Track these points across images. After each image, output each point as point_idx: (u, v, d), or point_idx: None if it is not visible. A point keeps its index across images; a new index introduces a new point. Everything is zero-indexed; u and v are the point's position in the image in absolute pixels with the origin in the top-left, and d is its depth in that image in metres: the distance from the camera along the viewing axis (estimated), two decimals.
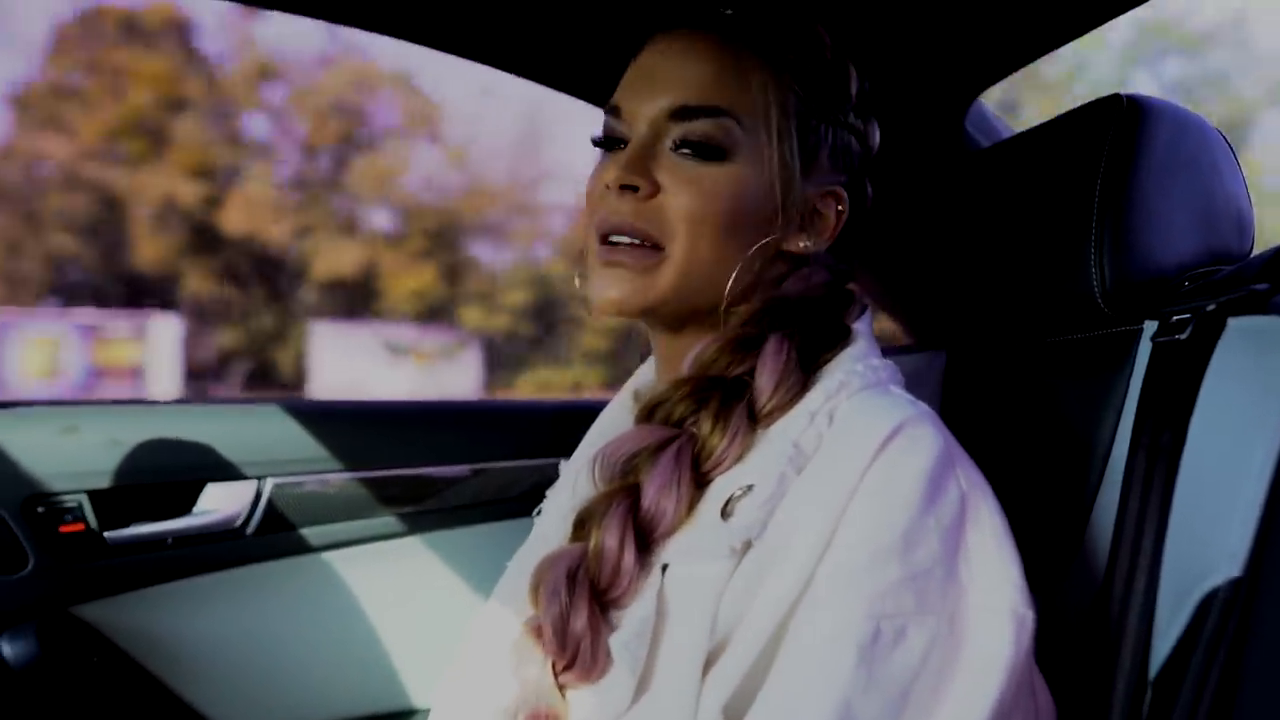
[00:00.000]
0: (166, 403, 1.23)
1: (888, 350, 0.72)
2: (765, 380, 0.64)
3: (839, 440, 0.61)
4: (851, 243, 0.75)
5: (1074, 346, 0.81)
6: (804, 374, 0.65)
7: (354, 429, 1.26)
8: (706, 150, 0.66)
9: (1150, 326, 0.73)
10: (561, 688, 0.63)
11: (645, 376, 0.82)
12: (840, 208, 0.71)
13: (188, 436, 1.18)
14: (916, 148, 1.13)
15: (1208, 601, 0.60)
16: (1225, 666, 0.58)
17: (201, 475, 1.19)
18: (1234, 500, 0.60)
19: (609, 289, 0.67)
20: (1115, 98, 0.76)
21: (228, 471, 1.19)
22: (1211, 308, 0.67)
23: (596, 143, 0.71)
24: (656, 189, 0.66)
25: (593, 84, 1.10)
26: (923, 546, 0.57)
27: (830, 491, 0.58)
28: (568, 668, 0.62)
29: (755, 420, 0.65)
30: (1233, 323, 0.66)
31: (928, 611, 0.56)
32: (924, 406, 0.64)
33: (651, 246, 0.66)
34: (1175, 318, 0.70)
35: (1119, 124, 0.74)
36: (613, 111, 0.70)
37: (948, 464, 0.60)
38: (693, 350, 0.68)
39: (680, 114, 0.66)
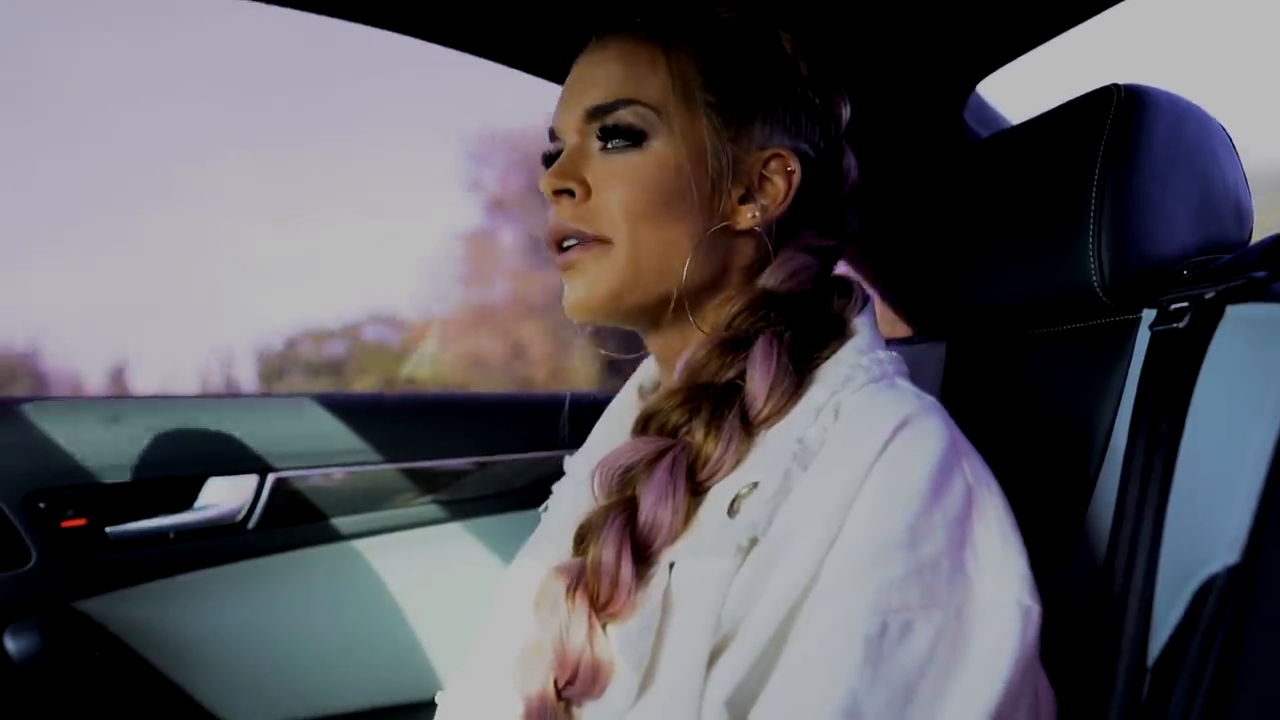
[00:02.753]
0: (168, 397, 1.23)
1: (887, 342, 0.72)
2: (758, 385, 0.65)
3: (845, 435, 0.61)
4: (834, 216, 0.75)
5: (1073, 336, 0.81)
6: (798, 373, 0.66)
7: (357, 422, 1.26)
8: (623, 136, 0.68)
9: (1149, 315, 0.73)
10: (565, 702, 0.63)
11: (647, 370, 0.82)
12: (790, 169, 0.71)
13: (189, 431, 1.18)
14: (915, 138, 1.13)
15: (1206, 588, 0.60)
16: (1223, 652, 0.58)
17: (203, 469, 1.19)
18: (1232, 487, 0.60)
19: (570, 293, 0.70)
20: (1112, 87, 0.76)
21: (229, 465, 1.19)
22: (1210, 295, 0.67)
23: (545, 163, 0.74)
24: (588, 189, 0.69)
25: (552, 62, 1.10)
26: (929, 540, 0.56)
27: (836, 486, 0.58)
28: (569, 683, 0.62)
29: (751, 424, 0.65)
30: (1231, 310, 0.66)
31: (934, 605, 0.55)
32: (930, 399, 0.63)
33: (595, 242, 0.68)
34: (1174, 306, 0.70)
35: (1116, 113, 0.74)
36: (550, 134, 0.73)
37: (954, 457, 0.60)
38: (685, 352, 0.68)
39: (595, 112, 0.69)
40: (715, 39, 0.71)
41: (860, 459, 0.58)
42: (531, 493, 0.86)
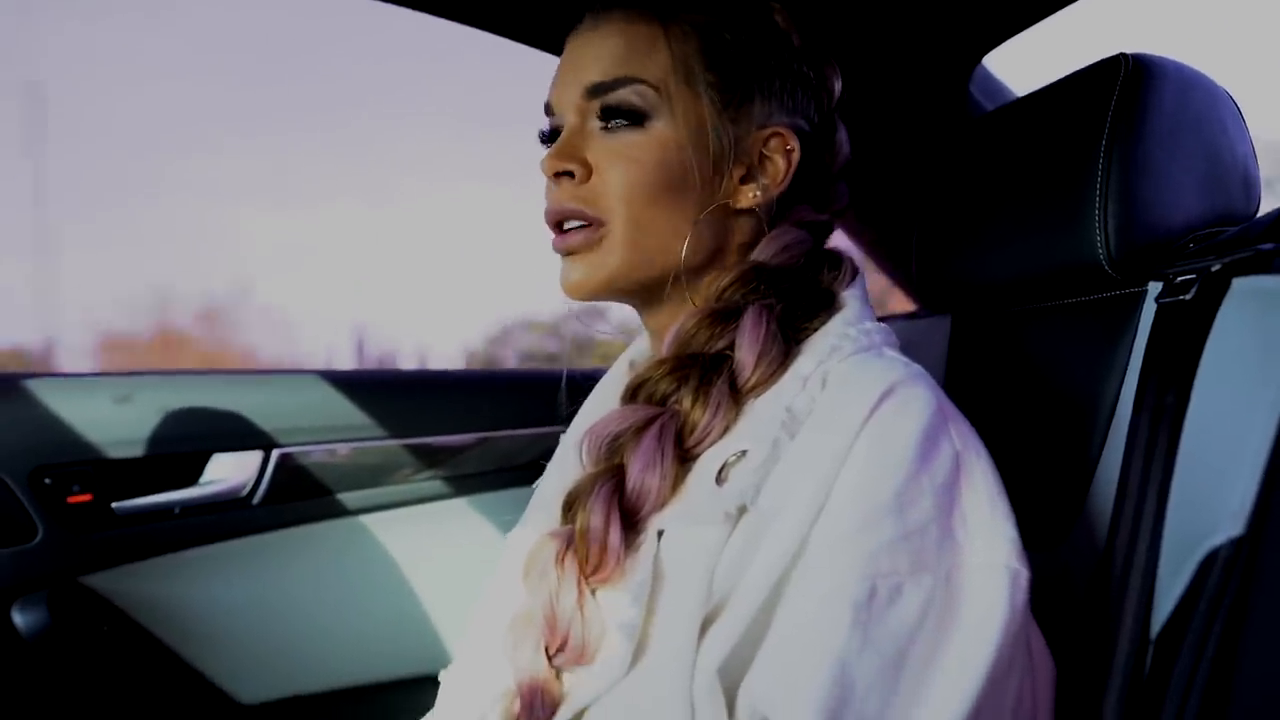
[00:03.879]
0: (172, 373, 1.23)
1: (891, 317, 0.72)
2: (746, 353, 0.65)
3: (832, 403, 0.61)
4: (827, 190, 0.75)
5: (1078, 309, 0.80)
6: (786, 344, 0.66)
7: (359, 398, 1.26)
8: (625, 116, 0.67)
9: (1155, 288, 0.72)
10: (556, 669, 0.64)
11: (641, 346, 0.82)
12: (790, 147, 0.71)
13: (194, 407, 1.18)
14: (921, 112, 1.12)
15: (1209, 560, 0.60)
16: (1226, 625, 0.59)
17: (208, 445, 1.19)
18: (1237, 459, 0.60)
19: (569, 273, 0.69)
20: (1120, 57, 0.75)
21: (234, 441, 1.20)
22: (1216, 268, 0.67)
23: (543, 140, 0.73)
24: (589, 169, 0.68)
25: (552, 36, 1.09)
26: (917, 505, 0.57)
27: (824, 454, 0.58)
28: (560, 650, 0.63)
29: (739, 393, 0.65)
30: (1237, 283, 0.65)
31: (923, 570, 0.56)
32: (917, 367, 0.64)
33: (596, 224, 0.68)
34: (1180, 278, 0.69)
35: (1124, 84, 0.73)
36: (547, 109, 0.73)
37: (941, 423, 0.60)
38: (675, 324, 0.68)
39: (595, 90, 0.68)
40: (714, 15, 0.70)
41: (847, 426, 0.58)
42: (533, 468, 0.86)
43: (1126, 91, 0.73)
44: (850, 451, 0.58)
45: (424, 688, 0.79)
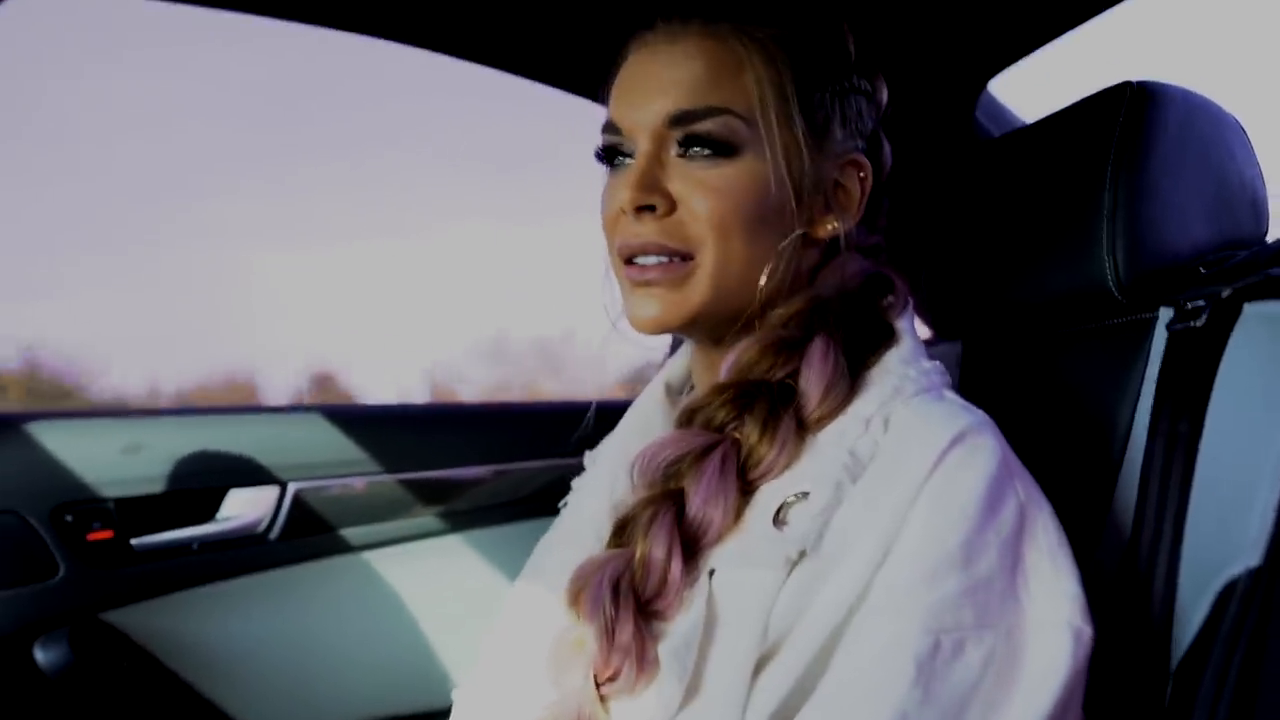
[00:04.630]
0: (188, 410, 1.25)
1: None
2: (813, 386, 0.63)
3: (897, 448, 0.60)
4: (877, 207, 0.73)
5: (1089, 335, 0.80)
6: (851, 378, 0.64)
7: (374, 433, 1.27)
8: (715, 150, 0.64)
9: (1165, 314, 0.72)
10: (604, 698, 0.62)
11: (676, 367, 0.80)
12: (863, 175, 0.69)
13: (210, 443, 1.19)
14: (928, 137, 1.13)
15: (1228, 591, 0.59)
16: (1246, 656, 0.58)
17: (224, 481, 1.20)
18: (1253, 487, 0.60)
19: (646, 308, 0.66)
20: (1124, 85, 0.75)
21: (250, 477, 1.20)
22: (1227, 293, 0.66)
23: (600, 159, 0.70)
24: (673, 203, 0.65)
25: (581, 77, 1.10)
26: (983, 558, 0.56)
27: (888, 501, 0.57)
28: (612, 679, 0.61)
29: (804, 427, 0.63)
30: (1249, 308, 0.65)
31: (986, 626, 0.55)
32: (980, 413, 0.62)
33: (681, 259, 0.65)
34: (1190, 304, 0.69)
35: (1128, 110, 0.73)
36: (610, 128, 0.68)
37: (1006, 475, 0.59)
38: (731, 351, 0.66)
39: (680, 119, 0.65)
40: (807, 36, 0.67)
41: (913, 475, 0.57)
42: (549, 499, 0.86)
43: (1131, 117, 0.73)
44: (916, 501, 0.57)
45: None
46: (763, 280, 0.65)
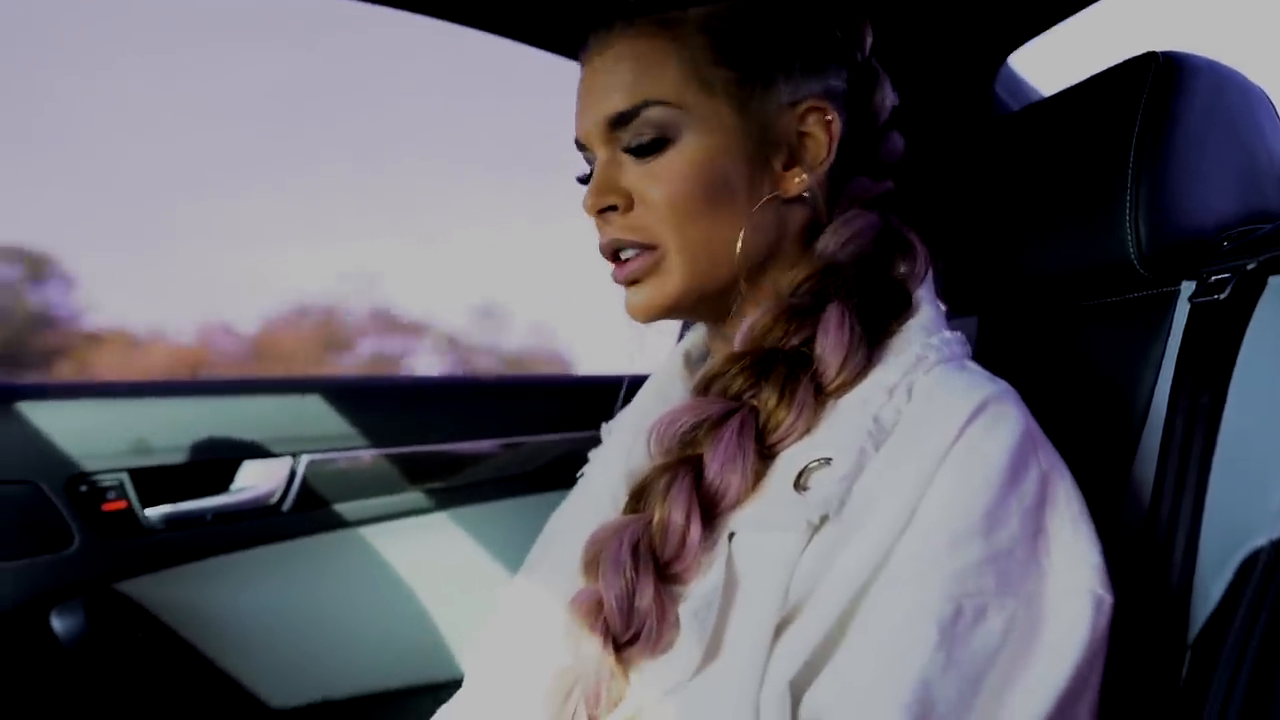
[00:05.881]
0: (202, 382, 1.25)
1: None
2: (830, 353, 0.63)
3: (920, 417, 0.60)
4: (879, 149, 0.73)
5: (1110, 309, 0.79)
6: (870, 346, 0.65)
7: (386, 406, 1.27)
8: (652, 145, 0.67)
9: (1188, 287, 0.71)
10: (622, 661, 0.62)
11: (695, 338, 0.81)
12: (829, 118, 0.69)
13: (224, 416, 1.20)
14: (946, 112, 1.12)
15: (1250, 563, 0.59)
16: (1267, 629, 0.58)
17: (238, 453, 1.21)
18: (1276, 460, 0.59)
19: (634, 299, 0.70)
20: (1150, 55, 0.74)
21: (263, 449, 1.21)
22: (1252, 266, 0.66)
23: (582, 180, 0.73)
24: (630, 198, 0.68)
25: (563, 37, 1.09)
26: (1005, 527, 0.56)
27: (912, 468, 0.58)
28: (630, 642, 0.61)
29: (822, 393, 0.64)
30: (1273, 281, 0.65)
31: (1008, 593, 0.55)
32: (1003, 383, 0.63)
33: (649, 249, 0.68)
34: (1214, 278, 0.68)
35: (1154, 82, 0.72)
36: (578, 145, 0.72)
37: (1029, 444, 0.59)
38: (746, 319, 0.67)
39: (617, 121, 0.68)
40: (717, 10, 0.68)
41: (936, 443, 0.58)
42: (562, 472, 0.86)
43: (1157, 89, 0.72)
44: (939, 468, 0.57)
45: (454, 692, 0.79)
46: (737, 249, 0.67)
